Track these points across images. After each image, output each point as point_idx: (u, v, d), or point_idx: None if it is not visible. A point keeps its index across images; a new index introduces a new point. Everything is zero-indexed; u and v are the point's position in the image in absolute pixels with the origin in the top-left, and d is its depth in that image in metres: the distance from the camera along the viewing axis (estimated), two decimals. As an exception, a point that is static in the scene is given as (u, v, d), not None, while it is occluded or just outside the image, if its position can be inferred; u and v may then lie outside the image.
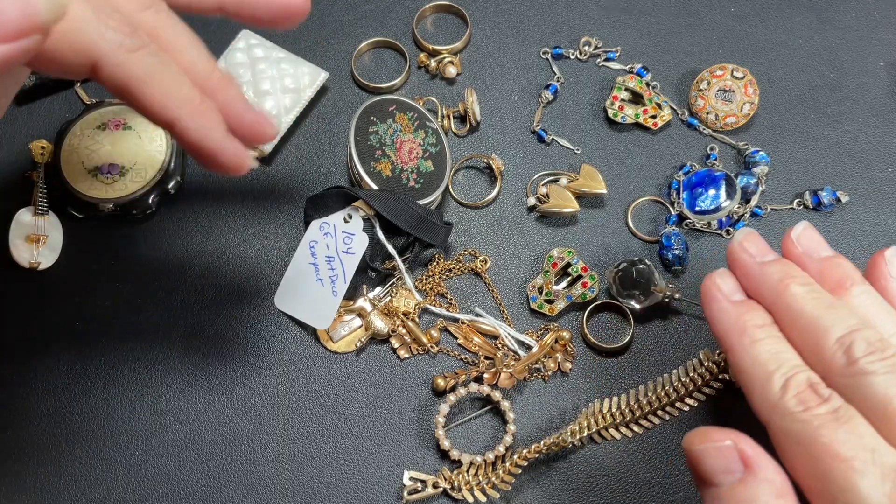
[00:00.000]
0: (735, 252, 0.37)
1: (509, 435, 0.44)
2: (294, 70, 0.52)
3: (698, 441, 0.32)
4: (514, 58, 0.54)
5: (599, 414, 0.45)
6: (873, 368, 0.30)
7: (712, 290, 0.36)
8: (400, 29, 0.55)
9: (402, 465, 0.44)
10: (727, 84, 0.51)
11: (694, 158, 0.51)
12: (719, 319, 0.35)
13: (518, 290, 0.48)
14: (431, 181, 0.47)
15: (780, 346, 0.33)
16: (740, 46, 0.54)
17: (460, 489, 0.43)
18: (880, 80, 0.53)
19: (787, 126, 0.52)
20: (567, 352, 0.46)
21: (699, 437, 0.32)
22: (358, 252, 0.46)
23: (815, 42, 0.55)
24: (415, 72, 0.54)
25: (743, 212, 0.49)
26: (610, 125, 0.52)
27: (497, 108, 0.53)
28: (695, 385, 0.45)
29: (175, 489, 0.44)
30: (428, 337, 0.46)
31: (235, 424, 0.45)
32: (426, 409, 0.46)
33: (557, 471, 0.44)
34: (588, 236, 0.49)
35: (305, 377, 0.46)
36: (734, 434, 0.31)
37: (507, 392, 0.45)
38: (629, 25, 0.55)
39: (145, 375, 0.46)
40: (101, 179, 0.49)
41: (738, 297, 0.36)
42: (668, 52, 0.54)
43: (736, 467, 0.30)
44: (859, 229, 0.49)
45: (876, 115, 0.52)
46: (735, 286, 0.36)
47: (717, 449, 0.31)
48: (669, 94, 0.53)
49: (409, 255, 0.47)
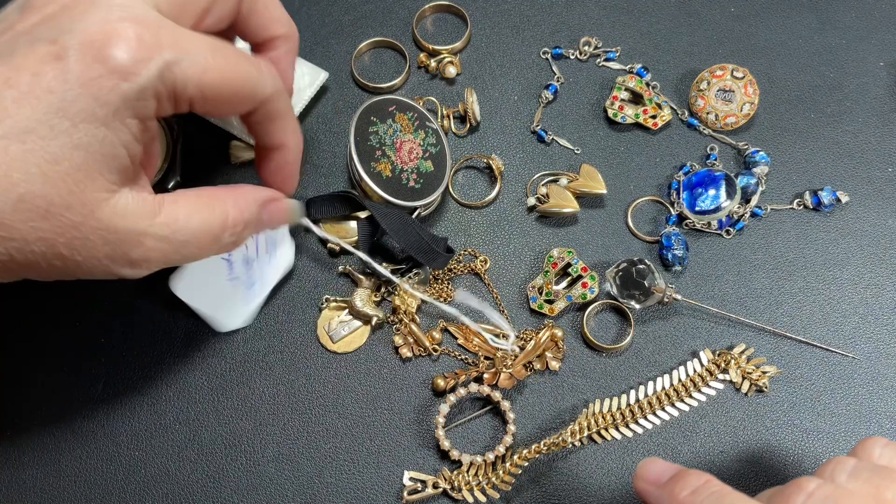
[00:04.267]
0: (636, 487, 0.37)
1: (509, 435, 0.44)
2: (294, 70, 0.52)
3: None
4: (514, 58, 0.54)
5: (599, 414, 0.45)
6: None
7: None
8: (400, 29, 0.55)
9: (402, 465, 0.44)
10: (727, 84, 0.51)
11: (694, 158, 0.51)
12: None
13: (518, 290, 0.48)
14: (431, 181, 0.47)
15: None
16: (740, 46, 0.54)
17: (460, 489, 0.43)
18: (880, 79, 0.53)
19: (788, 126, 0.52)
20: (558, 348, 0.46)
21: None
22: (280, 266, 0.47)
23: (815, 42, 0.55)
24: (415, 72, 0.54)
25: (743, 212, 0.49)
26: (610, 125, 0.52)
27: (497, 108, 0.53)
28: (695, 385, 0.45)
29: (175, 489, 0.44)
30: (430, 339, 0.46)
31: (235, 424, 0.45)
32: (426, 410, 0.46)
33: (557, 471, 0.44)
34: (588, 236, 0.49)
35: (305, 377, 0.46)
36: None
37: (506, 392, 0.45)
38: (629, 25, 0.55)
39: (145, 375, 0.46)
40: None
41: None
42: (668, 52, 0.54)
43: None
44: (859, 229, 0.49)
45: (876, 115, 0.52)
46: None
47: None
48: (669, 94, 0.53)
49: (404, 268, 0.48)
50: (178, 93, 0.33)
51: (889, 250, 0.49)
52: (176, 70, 0.32)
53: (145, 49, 0.31)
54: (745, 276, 0.48)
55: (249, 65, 0.36)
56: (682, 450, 0.45)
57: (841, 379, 0.46)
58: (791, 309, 0.48)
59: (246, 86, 0.35)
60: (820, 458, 0.44)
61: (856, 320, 0.47)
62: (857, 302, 0.48)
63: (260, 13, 0.39)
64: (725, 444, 0.45)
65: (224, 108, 0.36)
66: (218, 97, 0.34)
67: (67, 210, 0.31)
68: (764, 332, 0.47)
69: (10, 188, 0.30)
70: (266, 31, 0.40)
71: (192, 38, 0.33)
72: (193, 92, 0.33)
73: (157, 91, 0.32)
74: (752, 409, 0.45)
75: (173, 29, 0.32)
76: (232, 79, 0.34)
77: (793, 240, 0.49)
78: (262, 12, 0.39)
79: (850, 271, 0.49)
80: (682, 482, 0.33)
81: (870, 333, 0.47)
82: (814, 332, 0.47)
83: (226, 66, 0.34)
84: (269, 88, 0.37)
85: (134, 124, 0.32)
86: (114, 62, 0.30)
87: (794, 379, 0.46)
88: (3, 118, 0.30)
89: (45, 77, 0.30)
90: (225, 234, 0.37)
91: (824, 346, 0.47)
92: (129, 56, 0.30)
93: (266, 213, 0.40)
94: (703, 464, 0.44)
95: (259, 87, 0.36)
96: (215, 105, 0.35)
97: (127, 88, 0.31)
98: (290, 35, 0.42)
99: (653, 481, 0.35)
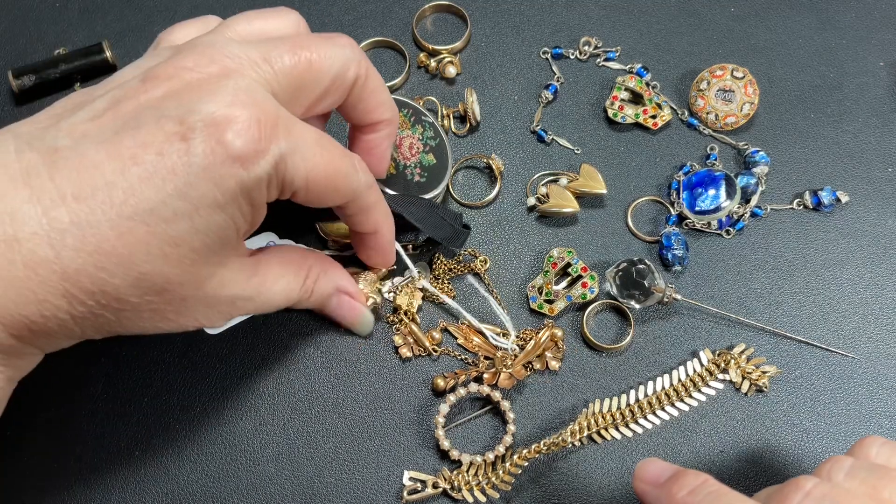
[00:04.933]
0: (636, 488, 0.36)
1: (509, 435, 0.44)
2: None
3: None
4: (514, 58, 0.54)
5: (599, 414, 0.45)
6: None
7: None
8: (399, 29, 0.55)
9: (402, 465, 0.44)
10: (727, 84, 0.51)
11: (694, 158, 0.51)
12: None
13: (518, 290, 0.48)
14: (435, 173, 0.47)
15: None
16: (740, 46, 0.54)
17: (460, 489, 0.43)
18: (880, 80, 0.53)
19: (788, 126, 0.52)
20: (557, 347, 0.46)
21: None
22: None
23: (815, 42, 0.55)
24: (414, 72, 0.54)
25: (743, 212, 0.49)
26: (610, 125, 0.52)
27: (497, 108, 0.53)
28: (695, 385, 0.45)
29: (175, 489, 0.44)
30: (430, 339, 0.46)
31: (235, 424, 0.45)
32: (426, 409, 0.46)
33: (557, 471, 0.44)
34: (588, 236, 0.49)
35: (305, 377, 0.46)
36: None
37: (506, 392, 0.45)
38: (629, 25, 0.55)
39: (145, 375, 0.46)
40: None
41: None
42: (668, 51, 0.54)
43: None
44: (859, 229, 0.49)
45: (876, 115, 0.52)
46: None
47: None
48: (669, 94, 0.53)
49: (415, 246, 0.48)
50: (287, 183, 0.34)
51: (889, 250, 0.49)
52: (289, 162, 0.33)
53: (265, 139, 0.32)
54: (745, 276, 0.48)
55: (348, 162, 0.37)
56: (682, 450, 0.44)
57: (841, 379, 0.46)
58: (791, 309, 0.48)
59: (344, 183, 0.36)
60: (819, 457, 0.44)
61: (856, 320, 0.47)
62: (857, 302, 0.48)
63: (367, 99, 0.39)
64: (725, 444, 0.45)
65: (321, 201, 0.37)
66: (319, 191, 0.35)
67: (181, 287, 0.33)
68: (764, 332, 0.47)
69: (132, 267, 0.31)
70: (371, 116, 0.40)
71: (304, 131, 0.34)
72: (300, 184, 0.34)
73: (271, 181, 0.33)
74: (752, 409, 0.45)
75: (288, 119, 0.33)
76: (334, 175, 0.35)
77: (793, 240, 0.49)
78: (370, 98, 0.39)
79: (850, 271, 0.49)
80: (679, 482, 0.33)
81: (870, 333, 0.47)
82: (814, 332, 0.47)
83: (329, 161, 0.35)
84: (363, 184, 0.38)
85: (247, 210, 0.33)
86: (235, 149, 0.31)
87: (794, 379, 0.46)
88: (129, 197, 0.30)
89: (170, 158, 0.30)
90: (299, 301, 0.41)
91: (824, 346, 0.47)
92: (250, 145, 0.31)
93: (336, 301, 0.43)
94: (703, 463, 0.44)
95: (355, 184, 0.37)
96: (315, 197, 0.36)
97: (245, 177, 0.31)
98: (393, 119, 0.41)
99: (651, 481, 0.35)
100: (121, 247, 0.30)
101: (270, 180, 0.33)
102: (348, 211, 0.39)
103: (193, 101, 0.31)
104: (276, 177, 0.33)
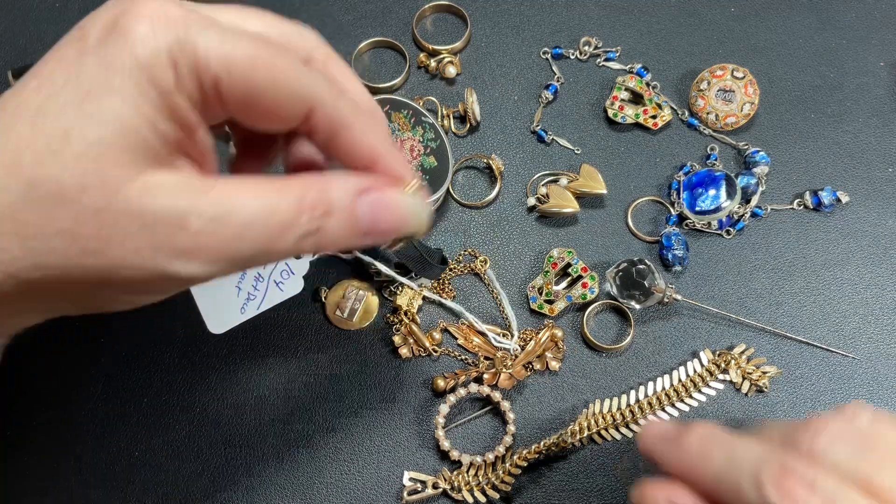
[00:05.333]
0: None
1: (509, 435, 0.44)
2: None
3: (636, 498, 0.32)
4: (514, 58, 0.54)
5: (599, 414, 0.45)
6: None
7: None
8: (399, 29, 0.55)
9: (402, 465, 0.44)
10: (727, 84, 0.51)
11: (694, 158, 0.51)
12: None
13: (518, 290, 0.48)
14: (437, 176, 0.47)
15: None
16: (740, 46, 0.54)
17: (460, 490, 0.43)
18: (881, 80, 0.53)
19: (788, 126, 0.52)
20: (558, 348, 0.46)
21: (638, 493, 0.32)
22: (287, 292, 0.46)
23: (815, 42, 0.54)
24: (414, 72, 0.54)
25: (743, 212, 0.49)
26: (610, 125, 0.52)
27: (497, 108, 0.53)
28: (695, 385, 0.45)
29: (175, 489, 0.44)
30: (430, 339, 0.46)
31: (235, 424, 0.45)
32: (426, 410, 0.46)
33: (557, 471, 0.44)
34: (588, 236, 0.49)
35: (305, 377, 0.46)
36: (669, 489, 0.31)
37: (506, 392, 0.45)
38: (629, 25, 0.55)
39: (145, 375, 0.46)
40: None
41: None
42: (669, 51, 0.54)
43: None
44: (859, 229, 0.49)
45: (876, 115, 0.52)
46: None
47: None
48: (669, 94, 0.53)
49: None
50: (200, 68, 0.28)
51: (889, 250, 0.49)
52: (198, 41, 0.28)
53: (163, 20, 0.28)
54: (745, 276, 0.48)
55: (293, 61, 0.30)
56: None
57: (841, 379, 0.46)
58: (791, 309, 0.48)
59: (287, 76, 0.29)
60: (820, 458, 0.44)
61: (856, 320, 0.47)
62: (857, 302, 0.48)
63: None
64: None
65: (265, 108, 0.29)
66: (251, 86, 0.28)
67: (83, 191, 0.27)
68: (764, 332, 0.47)
69: (18, 172, 0.27)
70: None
71: (225, 25, 0.29)
72: (218, 69, 0.28)
73: (174, 58, 0.28)
74: (752, 409, 0.45)
75: (204, 16, 0.29)
76: (266, 65, 0.29)
77: (793, 240, 0.49)
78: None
79: (850, 271, 0.49)
80: (690, 433, 0.32)
81: (870, 333, 0.47)
82: (814, 332, 0.47)
83: (261, 52, 0.29)
84: (322, 85, 0.30)
85: (153, 96, 0.28)
86: (129, 31, 0.27)
87: (794, 379, 0.46)
88: (20, 106, 0.28)
89: (65, 61, 0.28)
90: (302, 219, 0.29)
91: (824, 347, 0.47)
92: (145, 26, 0.28)
93: (366, 204, 0.30)
94: (703, 464, 0.44)
95: (306, 79, 0.30)
96: (251, 99, 0.29)
97: (140, 52, 0.27)
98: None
99: (660, 437, 0.33)
100: (3, 151, 0.27)
101: (175, 59, 0.28)
102: (319, 132, 0.31)
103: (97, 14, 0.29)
104: (183, 56, 0.28)
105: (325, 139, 0.31)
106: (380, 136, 0.32)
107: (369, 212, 0.31)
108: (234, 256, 0.28)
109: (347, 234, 0.30)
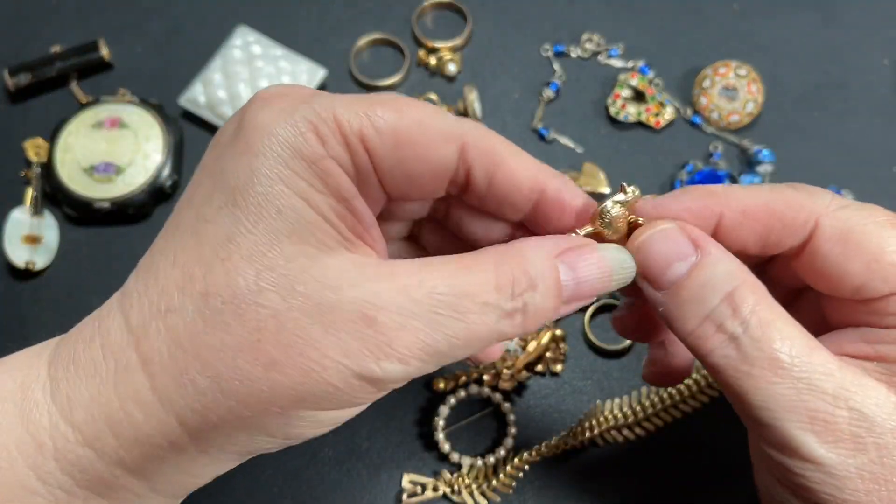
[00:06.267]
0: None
1: (510, 438, 0.43)
2: (292, 67, 0.52)
3: (640, 234, 0.28)
4: (515, 55, 0.54)
5: (602, 416, 0.44)
6: None
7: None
8: (399, 26, 0.55)
9: (402, 467, 0.44)
10: (731, 82, 0.51)
11: (697, 157, 0.51)
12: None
13: (519, 290, 0.48)
14: None
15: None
16: (744, 44, 0.54)
17: (460, 492, 0.43)
18: (885, 78, 0.53)
19: (792, 124, 0.52)
20: (559, 349, 0.46)
21: (639, 231, 0.28)
22: None
23: (819, 40, 0.54)
24: (414, 69, 0.54)
25: (747, 211, 0.49)
26: (612, 123, 0.52)
27: (498, 105, 0.53)
28: (699, 386, 0.45)
29: (172, 492, 0.44)
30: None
31: (233, 427, 0.45)
32: (426, 411, 0.45)
33: (559, 474, 0.44)
34: (590, 236, 0.49)
35: (304, 379, 0.46)
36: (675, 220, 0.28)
37: (507, 394, 0.45)
38: (632, 22, 0.55)
39: (142, 377, 0.46)
40: (97, 178, 0.49)
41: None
42: (671, 49, 0.54)
43: (688, 250, 0.27)
44: (864, 229, 0.49)
45: (881, 114, 0.52)
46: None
47: (663, 232, 0.27)
48: (672, 91, 0.53)
49: None
50: (342, 124, 0.26)
51: (894, 250, 0.49)
52: (333, 104, 0.26)
53: (286, 101, 0.26)
54: (748, 276, 0.48)
55: (436, 108, 0.28)
56: (686, 452, 0.44)
57: (846, 380, 0.46)
58: (795, 309, 0.47)
59: (430, 117, 0.27)
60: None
61: (861, 321, 0.47)
62: (863, 302, 0.47)
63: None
64: (731, 445, 0.44)
65: (418, 153, 0.27)
66: (399, 131, 0.26)
67: (259, 293, 0.24)
68: (768, 332, 0.47)
69: (192, 289, 0.25)
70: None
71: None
72: (362, 123, 0.26)
73: (313, 123, 0.26)
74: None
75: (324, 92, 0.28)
76: (409, 106, 0.27)
77: (797, 239, 0.49)
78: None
79: (855, 271, 0.48)
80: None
81: (875, 334, 0.47)
82: (818, 332, 0.47)
83: (400, 98, 0.27)
84: (467, 124, 0.28)
85: (302, 167, 0.25)
86: (256, 118, 0.26)
87: (798, 380, 0.46)
88: (180, 220, 0.27)
89: (207, 167, 0.27)
90: (501, 299, 0.25)
91: (829, 348, 0.46)
92: (272, 108, 0.26)
93: (566, 268, 0.27)
94: (705, 464, 0.44)
95: (452, 124, 0.28)
96: (403, 148, 0.27)
97: (274, 128, 0.25)
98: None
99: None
100: (173, 271, 0.26)
101: (313, 124, 0.25)
102: (476, 171, 0.29)
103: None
104: (321, 120, 0.26)
105: (484, 178, 0.29)
106: (534, 160, 0.30)
107: (571, 277, 0.27)
108: (433, 355, 0.25)
109: (554, 306, 0.26)
